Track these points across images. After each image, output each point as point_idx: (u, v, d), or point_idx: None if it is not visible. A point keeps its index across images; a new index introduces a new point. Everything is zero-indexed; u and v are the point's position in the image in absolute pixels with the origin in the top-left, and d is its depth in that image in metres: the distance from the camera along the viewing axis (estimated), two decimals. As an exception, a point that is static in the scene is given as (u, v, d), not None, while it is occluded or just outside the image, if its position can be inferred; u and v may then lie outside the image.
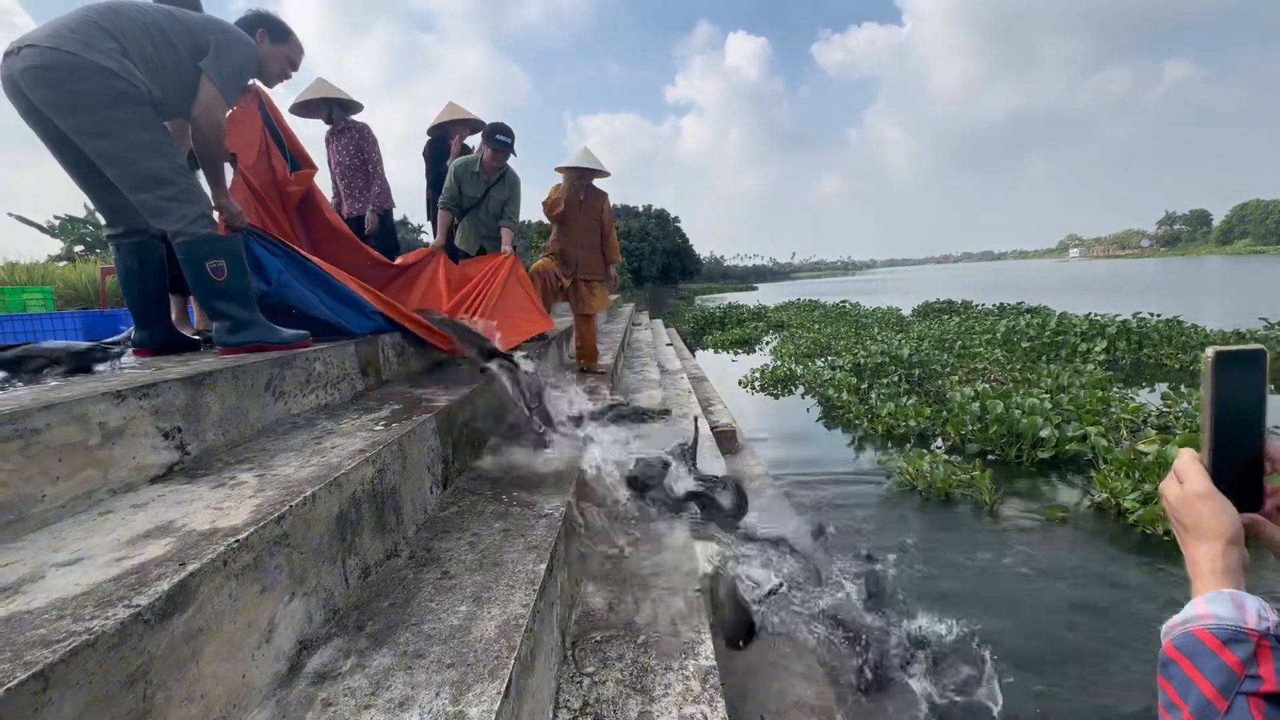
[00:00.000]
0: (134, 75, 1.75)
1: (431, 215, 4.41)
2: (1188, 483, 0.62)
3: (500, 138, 3.88)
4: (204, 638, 0.88)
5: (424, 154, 4.82)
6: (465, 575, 1.39)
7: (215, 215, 2.16)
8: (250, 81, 2.25)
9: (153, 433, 1.31)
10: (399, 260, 3.41)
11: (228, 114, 2.55)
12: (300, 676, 1.05)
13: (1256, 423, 0.62)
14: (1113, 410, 6.02)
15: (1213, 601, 0.54)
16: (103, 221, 2.00)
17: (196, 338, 2.17)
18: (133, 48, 1.76)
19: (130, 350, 2.04)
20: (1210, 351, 0.61)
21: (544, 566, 1.41)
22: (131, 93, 1.74)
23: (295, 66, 2.32)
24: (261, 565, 1.03)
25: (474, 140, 4.59)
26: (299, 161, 2.91)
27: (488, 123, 4.53)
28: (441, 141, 4.71)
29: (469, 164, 4.02)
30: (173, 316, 2.81)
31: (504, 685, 1.02)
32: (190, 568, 0.89)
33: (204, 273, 1.84)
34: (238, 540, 0.98)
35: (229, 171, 2.66)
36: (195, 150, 1.98)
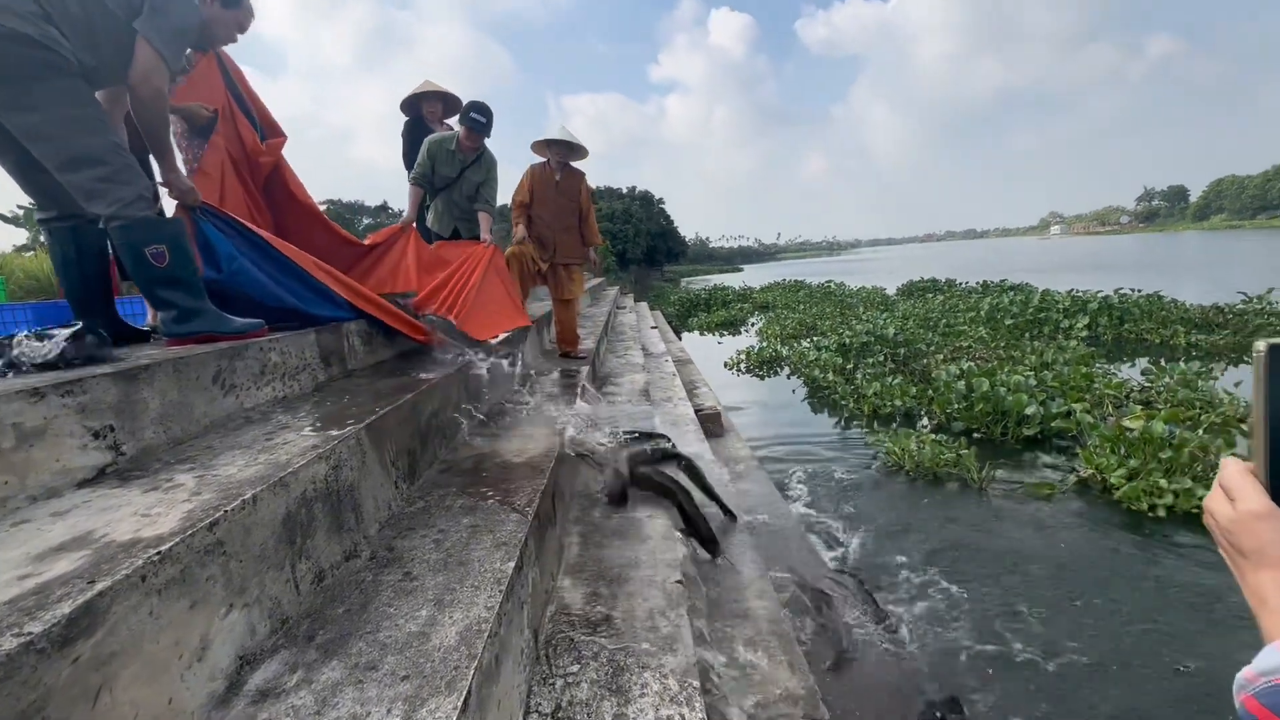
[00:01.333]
0: (58, 43, 1.60)
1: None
2: (1242, 501, 0.54)
3: (475, 115, 3.73)
4: (118, 662, 0.79)
5: (402, 134, 4.65)
6: (428, 576, 1.31)
7: (165, 193, 2.02)
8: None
9: (79, 433, 1.20)
10: (368, 239, 3.27)
11: (184, 76, 2.40)
12: (239, 696, 0.96)
13: None
14: (1096, 386, 6.05)
15: None
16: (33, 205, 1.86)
17: (146, 329, 2.04)
18: (56, 11, 1.61)
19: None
20: (1262, 345, 0.51)
21: (512, 564, 1.33)
22: (56, 62, 1.60)
23: (243, 30, 2.17)
24: (190, 577, 0.93)
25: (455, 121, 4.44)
26: (267, 131, 2.77)
27: (456, 97, 4.38)
28: (420, 122, 4.54)
29: (444, 141, 3.87)
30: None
31: (462, 698, 0.94)
32: (100, 585, 0.79)
33: (144, 259, 1.71)
34: (159, 552, 0.88)
35: (187, 138, 2.51)
36: (136, 121, 1.83)
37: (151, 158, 1.96)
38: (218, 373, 1.61)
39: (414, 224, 3.55)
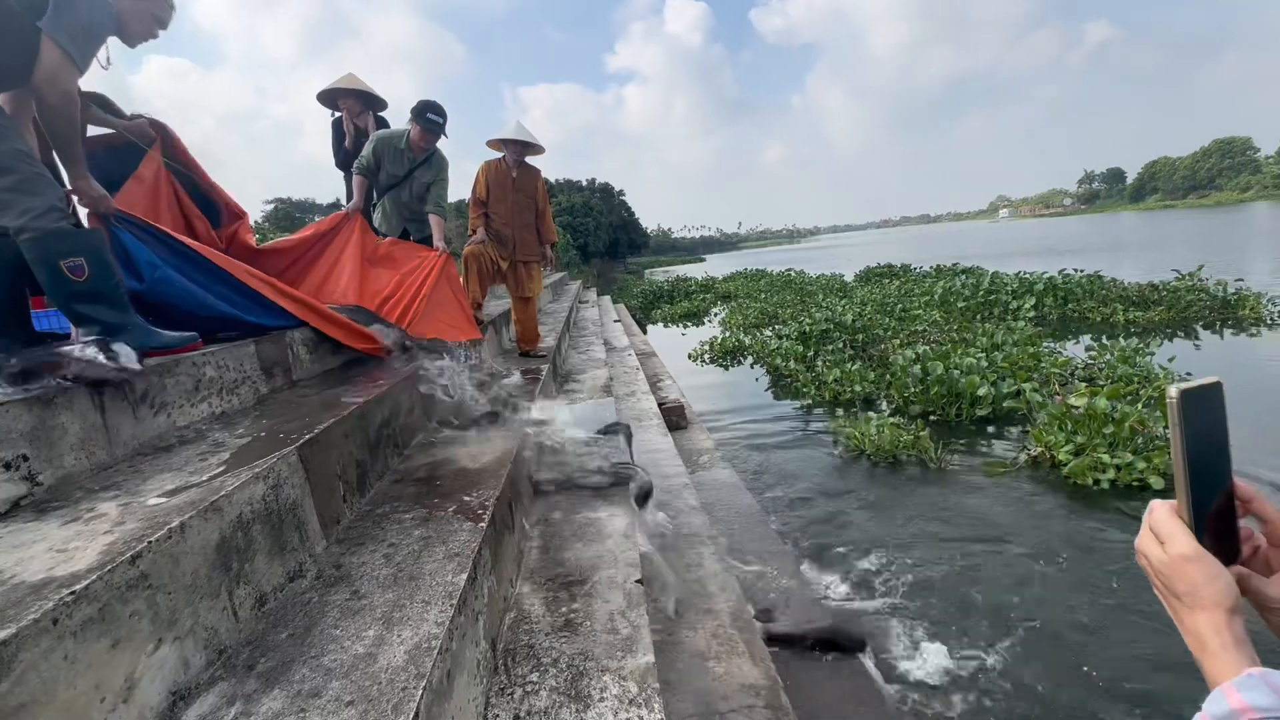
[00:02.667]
0: None
1: (350, 198, 4.11)
2: (1170, 544, 0.55)
3: (431, 116, 3.62)
4: (28, 713, 0.75)
5: (332, 125, 4.46)
6: (377, 594, 1.27)
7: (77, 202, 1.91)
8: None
9: (-13, 465, 1.12)
10: (308, 229, 3.12)
11: (132, 179, 2.28)
12: (173, 734, 0.92)
13: (1224, 461, 0.55)
14: (1043, 365, 6.30)
15: (1246, 688, 0.47)
16: None
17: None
18: None
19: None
20: (1174, 391, 0.53)
21: (465, 576, 1.31)
22: None
23: (163, 25, 2.04)
24: (111, 615, 0.88)
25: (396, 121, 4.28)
26: (226, 214, 2.68)
27: (380, 98, 4.23)
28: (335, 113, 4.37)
29: (393, 138, 3.75)
30: None
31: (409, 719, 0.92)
32: (2, 634, 0.74)
33: (60, 273, 1.60)
34: (73, 592, 0.83)
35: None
36: (42, 126, 1.71)
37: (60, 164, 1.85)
38: (145, 391, 1.53)
39: (359, 211, 3.41)
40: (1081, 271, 12.05)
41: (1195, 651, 0.52)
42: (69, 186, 1.83)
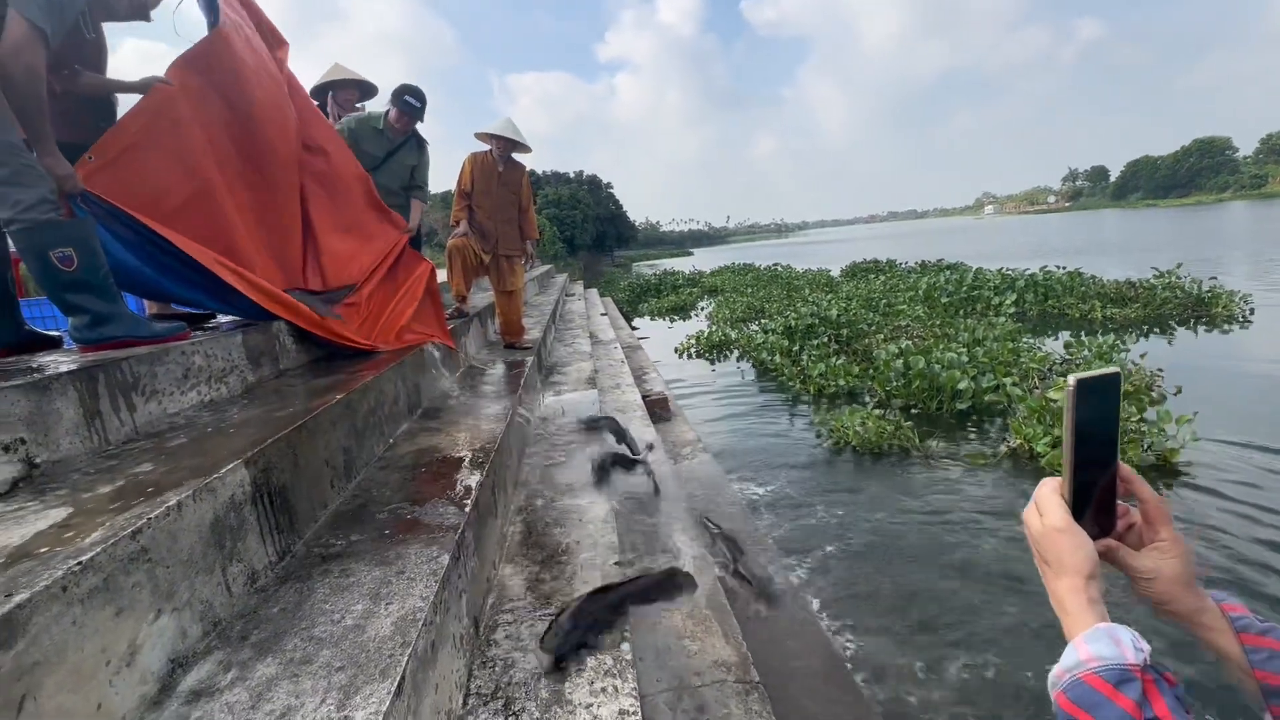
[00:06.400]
0: None
1: None
2: (1047, 515, 0.61)
3: (409, 99, 3.67)
4: (41, 672, 0.81)
5: None
6: (365, 572, 1.34)
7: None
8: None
9: (-13, 447, 1.17)
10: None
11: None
12: (173, 697, 0.98)
13: (1111, 445, 0.61)
14: (1022, 360, 6.45)
15: (1092, 641, 0.53)
16: None
17: (55, 334, 1.95)
18: None
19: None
20: (1071, 380, 0.58)
21: (449, 556, 1.38)
22: None
23: (152, 6, 2.05)
24: (115, 585, 0.94)
25: (373, 105, 4.29)
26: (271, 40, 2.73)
27: (379, 84, 4.25)
28: (323, 107, 4.37)
29: (370, 119, 3.78)
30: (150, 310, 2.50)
31: (395, 683, 0.99)
32: (18, 598, 0.80)
33: (50, 264, 1.64)
34: (80, 562, 0.89)
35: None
36: (6, 98, 1.68)
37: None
38: (137, 379, 1.58)
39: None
40: (1063, 268, 12.29)
41: (1058, 611, 0.59)
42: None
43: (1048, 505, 0.62)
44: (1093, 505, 0.62)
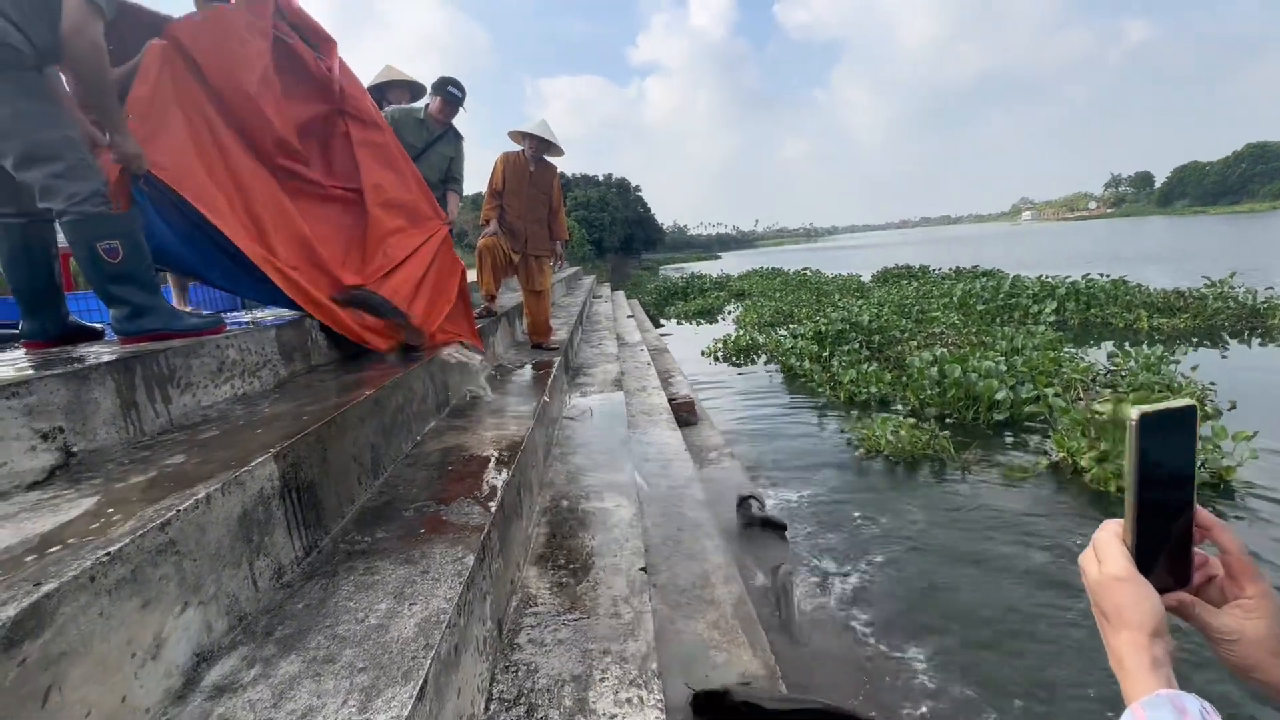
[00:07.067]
0: (7, 34, 1.55)
1: None
2: (1106, 563, 0.55)
3: (452, 89, 3.78)
4: (67, 662, 0.80)
5: None
6: (390, 570, 1.32)
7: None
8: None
9: (26, 435, 1.19)
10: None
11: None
12: (196, 692, 0.98)
13: (1186, 489, 0.54)
14: (1064, 370, 6.21)
15: (1152, 708, 0.48)
16: None
17: (98, 326, 2.00)
18: (5, 1, 1.56)
19: (20, 343, 1.87)
20: (1134, 413, 0.52)
21: (473, 557, 1.35)
22: (8, 57, 1.55)
23: None
24: (142, 577, 0.94)
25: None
26: (318, 42, 2.73)
27: (427, 85, 4.33)
28: (380, 107, 4.49)
29: (412, 110, 3.86)
30: (173, 299, 2.57)
31: (418, 686, 0.97)
32: (46, 588, 0.80)
33: (96, 255, 1.68)
34: (109, 553, 0.89)
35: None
36: (73, 77, 1.71)
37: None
38: (173, 371, 1.60)
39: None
40: (1106, 275, 11.85)
41: (1115, 670, 0.53)
42: (108, 140, 1.79)
43: (1107, 551, 0.56)
44: (1165, 553, 0.55)
